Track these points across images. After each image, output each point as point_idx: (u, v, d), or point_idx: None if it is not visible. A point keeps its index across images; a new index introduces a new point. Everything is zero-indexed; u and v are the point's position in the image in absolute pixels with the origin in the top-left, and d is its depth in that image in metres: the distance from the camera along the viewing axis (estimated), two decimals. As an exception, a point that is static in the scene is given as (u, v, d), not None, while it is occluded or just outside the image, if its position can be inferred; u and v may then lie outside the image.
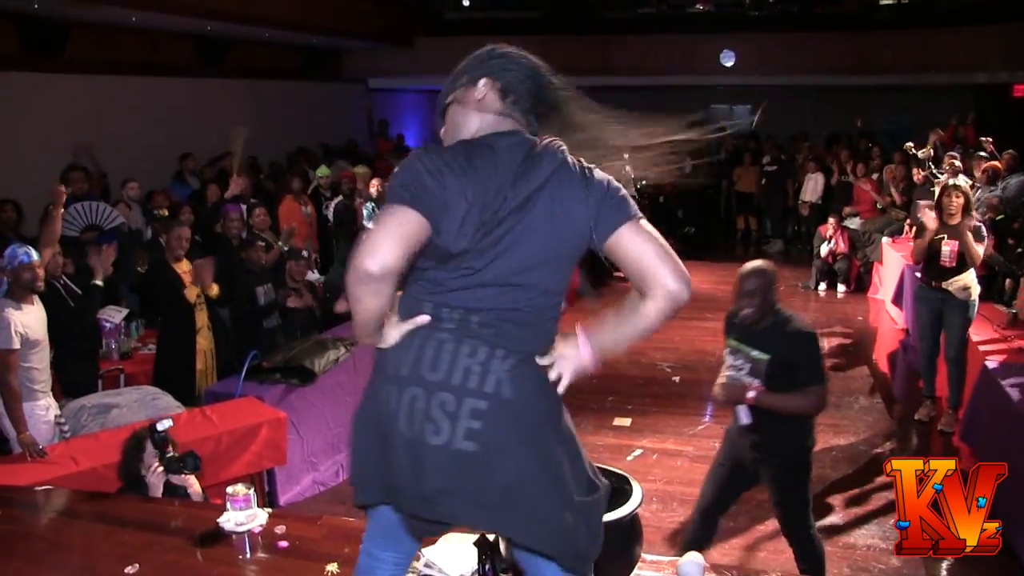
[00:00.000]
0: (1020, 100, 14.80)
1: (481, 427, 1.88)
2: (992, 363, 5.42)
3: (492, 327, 1.92)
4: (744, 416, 3.65)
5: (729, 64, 15.36)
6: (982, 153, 8.85)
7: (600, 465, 3.40)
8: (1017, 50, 13.84)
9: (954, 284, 5.74)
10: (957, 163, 8.38)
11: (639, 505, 3.02)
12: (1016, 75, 14.24)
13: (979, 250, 5.69)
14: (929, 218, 5.93)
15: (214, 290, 5.73)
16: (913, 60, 14.62)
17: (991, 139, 9.09)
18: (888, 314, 9.05)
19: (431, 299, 1.95)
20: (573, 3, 17.59)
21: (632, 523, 3.07)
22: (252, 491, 3.16)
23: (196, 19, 10.36)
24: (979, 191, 7.82)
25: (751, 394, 3.56)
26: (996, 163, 8.43)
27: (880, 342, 8.41)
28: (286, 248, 6.73)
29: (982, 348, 5.76)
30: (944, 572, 4.30)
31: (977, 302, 5.82)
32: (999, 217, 7.64)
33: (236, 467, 4.57)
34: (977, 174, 8.33)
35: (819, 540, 3.76)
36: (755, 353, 3.63)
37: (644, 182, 12.41)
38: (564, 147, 1.99)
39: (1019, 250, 7.15)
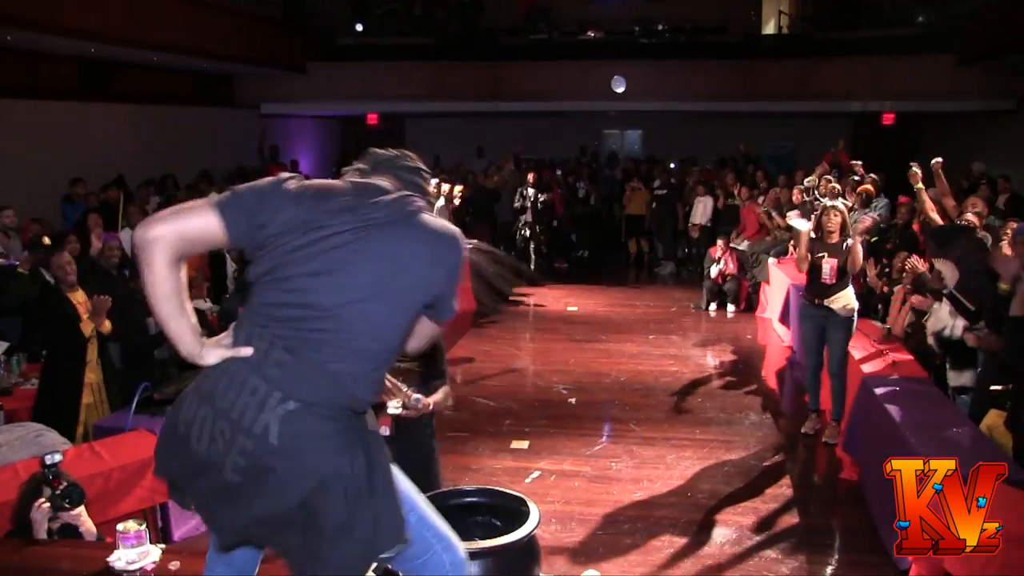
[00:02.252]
0: (889, 127, 15.66)
1: (244, 464, 1.95)
2: (870, 377, 5.68)
3: (284, 368, 1.97)
4: None
5: (620, 90, 15.72)
6: (855, 177, 9.30)
7: (497, 488, 3.43)
8: (885, 81, 14.65)
9: (836, 301, 6.00)
10: (835, 185, 8.78)
11: (536, 526, 3.04)
12: (884, 104, 15.05)
13: (859, 259, 6.01)
14: (800, 223, 6.24)
15: (107, 326, 5.53)
16: (793, 88, 15.27)
17: (861, 163, 9.56)
18: (775, 332, 9.38)
19: (255, 326, 2.02)
20: (466, 30, 17.78)
21: (530, 544, 3.09)
22: (144, 527, 3.07)
23: (77, 41, 10.01)
24: (855, 213, 8.20)
25: None
26: (868, 187, 8.87)
27: (768, 359, 8.70)
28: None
29: (861, 363, 6.03)
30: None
31: (856, 318, 6.10)
32: (873, 239, 8.02)
33: (128, 503, 4.40)
34: (851, 198, 8.73)
35: None
36: None
37: (540, 205, 12.61)
38: (422, 204, 2.11)
39: (887, 270, 7.52)
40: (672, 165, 15.76)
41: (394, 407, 3.28)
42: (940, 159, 6.83)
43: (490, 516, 3.35)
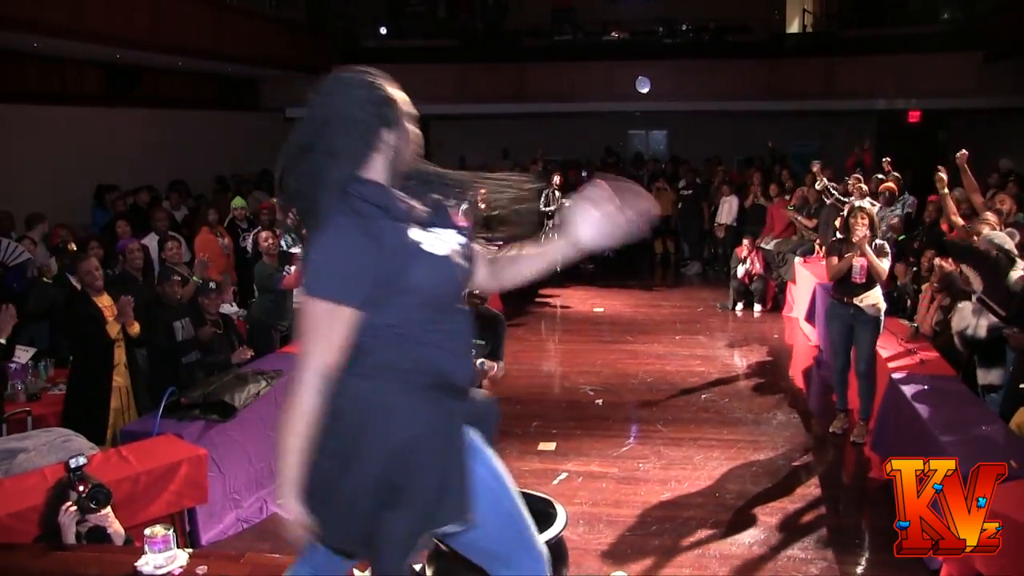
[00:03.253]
0: (915, 125, 15.54)
1: None
2: (898, 375, 5.64)
3: None
4: None
5: (644, 91, 15.70)
6: (879, 176, 9.24)
7: (525, 490, 3.45)
8: (911, 79, 14.53)
9: (864, 300, 5.97)
10: (863, 186, 8.72)
11: (563, 528, 3.06)
12: (910, 102, 14.93)
13: (884, 265, 5.96)
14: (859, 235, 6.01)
15: (135, 328, 5.59)
16: (818, 87, 15.18)
17: (888, 160, 9.50)
18: (802, 331, 9.33)
19: None
20: (490, 31, 17.81)
21: (558, 546, 3.10)
22: (171, 531, 3.09)
23: (102, 47, 10.12)
24: (880, 211, 8.15)
25: None
26: (891, 184, 8.80)
27: (795, 359, 8.65)
28: (200, 281, 6.61)
29: (888, 361, 5.99)
30: (860, 581, 4.44)
31: (883, 317, 6.06)
32: (900, 237, 7.96)
33: (156, 507, 4.43)
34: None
35: None
36: None
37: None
38: None
39: (915, 268, 7.47)
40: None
41: None
42: (965, 152, 6.74)
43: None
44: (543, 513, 3.23)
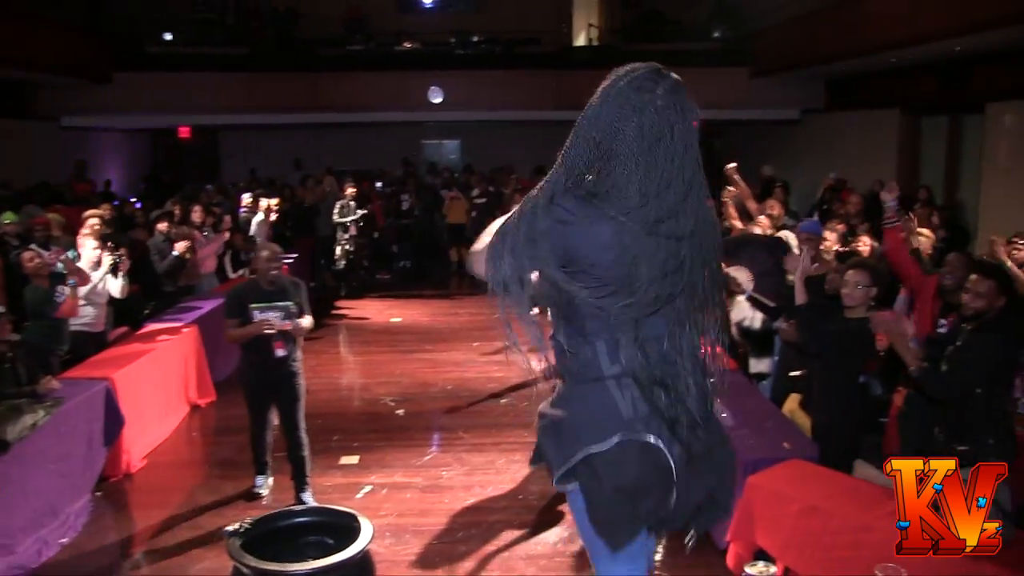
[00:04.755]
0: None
1: (702, 450, 2.13)
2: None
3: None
4: None
5: (437, 100, 15.83)
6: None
7: (328, 505, 3.36)
8: (688, 91, 15.45)
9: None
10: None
11: (369, 542, 3.01)
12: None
13: None
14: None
15: None
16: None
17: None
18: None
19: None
20: (281, 40, 17.35)
21: (364, 560, 3.05)
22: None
23: None
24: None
25: None
26: None
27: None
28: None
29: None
30: (655, 564, 4.64)
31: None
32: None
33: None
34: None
35: None
36: None
37: (361, 222, 12.46)
38: None
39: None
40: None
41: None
42: (734, 164, 7.34)
43: (322, 535, 3.29)
44: (348, 528, 3.17)
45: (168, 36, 17.17)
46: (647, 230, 1.89)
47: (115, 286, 6.91)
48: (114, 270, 6.85)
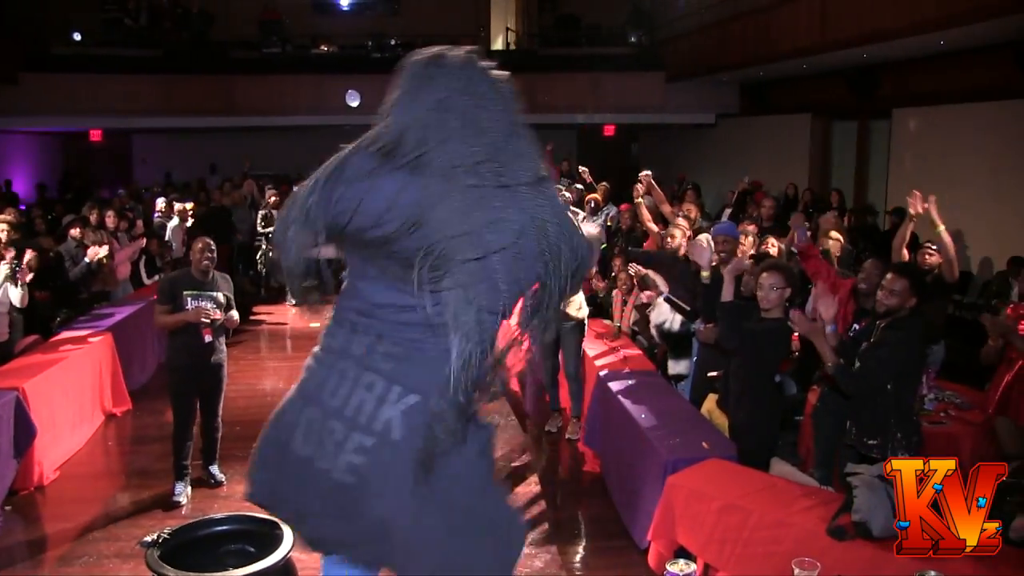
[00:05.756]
0: (610, 138, 16.82)
1: (362, 463, 1.84)
2: (604, 373, 6.07)
3: (395, 360, 1.88)
4: None
5: (355, 104, 15.70)
6: (579, 185, 9.89)
7: (249, 513, 3.32)
8: (605, 96, 15.71)
9: (565, 306, 6.34)
10: (567, 195, 9.28)
11: (291, 549, 2.99)
12: (605, 117, 16.12)
13: None
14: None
15: None
16: (522, 101, 15.94)
17: (587, 170, 10.17)
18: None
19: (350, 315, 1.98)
20: (196, 42, 16.98)
21: (286, 568, 3.03)
22: None
23: None
24: (584, 220, 8.72)
25: None
26: (597, 196, 9.46)
27: (508, 364, 8.96)
28: None
29: (595, 359, 6.42)
30: (578, 565, 4.71)
31: (587, 321, 6.50)
32: (603, 246, 8.57)
33: None
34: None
35: None
36: None
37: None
38: None
39: (612, 273, 8.09)
40: None
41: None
42: (648, 172, 7.49)
43: (243, 543, 3.25)
44: (269, 535, 3.14)
45: (77, 36, 16.66)
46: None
47: (15, 295, 6.62)
48: (13, 278, 6.56)
